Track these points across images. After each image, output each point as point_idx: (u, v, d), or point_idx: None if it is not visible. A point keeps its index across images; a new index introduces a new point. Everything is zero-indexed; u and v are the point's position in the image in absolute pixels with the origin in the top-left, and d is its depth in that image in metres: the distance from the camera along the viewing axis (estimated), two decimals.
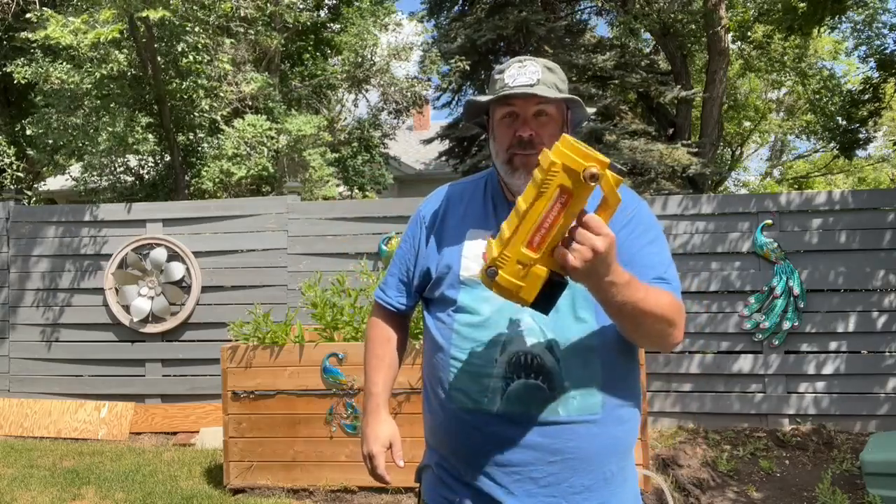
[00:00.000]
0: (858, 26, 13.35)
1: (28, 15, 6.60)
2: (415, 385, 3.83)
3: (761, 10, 12.10)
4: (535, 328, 1.39)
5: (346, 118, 11.54)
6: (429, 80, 11.54)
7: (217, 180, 7.22)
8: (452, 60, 11.24)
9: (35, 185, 10.06)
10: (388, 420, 1.66)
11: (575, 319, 1.41)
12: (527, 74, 1.46)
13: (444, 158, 13.24)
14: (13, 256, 6.09)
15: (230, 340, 4.39)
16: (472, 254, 1.48)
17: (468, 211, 1.57)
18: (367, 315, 4.18)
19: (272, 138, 7.52)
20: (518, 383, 1.38)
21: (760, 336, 5.07)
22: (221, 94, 7.76)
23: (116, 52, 6.76)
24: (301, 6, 9.18)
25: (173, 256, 5.82)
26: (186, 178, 7.98)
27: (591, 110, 1.57)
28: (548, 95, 1.44)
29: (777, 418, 5.04)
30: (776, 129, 20.37)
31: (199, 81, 7.35)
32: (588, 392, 1.39)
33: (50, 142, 7.32)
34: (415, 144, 14.96)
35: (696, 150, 11.10)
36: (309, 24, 10.09)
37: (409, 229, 1.69)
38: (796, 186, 20.32)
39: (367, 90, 11.25)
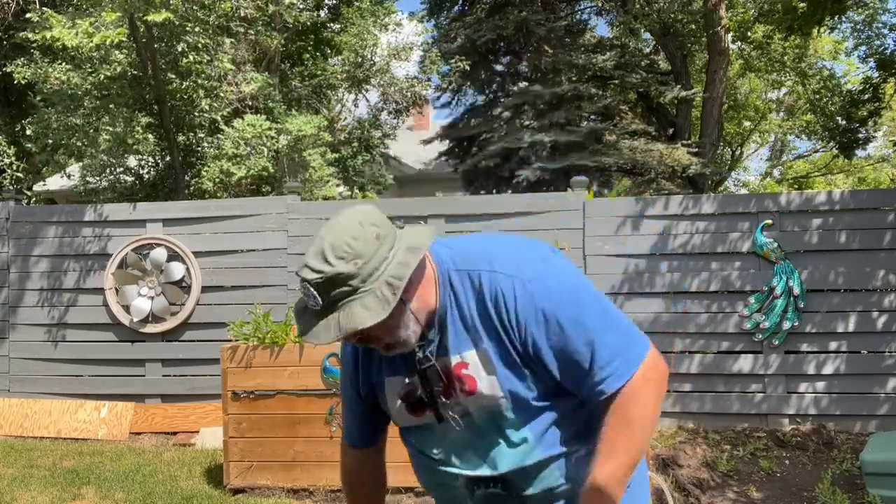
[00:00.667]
0: (858, 26, 13.36)
1: (28, 15, 6.60)
2: None
3: (761, 11, 12.11)
4: (478, 463, 1.39)
5: (346, 118, 11.54)
6: (429, 80, 11.54)
7: (217, 180, 7.22)
8: (452, 60, 11.24)
9: (34, 185, 10.07)
10: None
11: (512, 446, 1.37)
12: (311, 299, 1.26)
13: (444, 158, 13.25)
14: (13, 256, 6.08)
15: (230, 340, 4.39)
16: (395, 406, 1.44)
17: (380, 357, 1.45)
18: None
19: (272, 138, 7.52)
20: (480, 492, 1.42)
21: (760, 336, 5.07)
22: (221, 94, 7.75)
23: (117, 52, 6.76)
24: (301, 6, 9.18)
25: (173, 256, 5.82)
26: (186, 178, 7.97)
27: (410, 263, 1.25)
28: (318, 342, 1.27)
29: (777, 418, 5.04)
30: (776, 129, 20.37)
31: (199, 81, 7.34)
32: (550, 481, 1.39)
33: (50, 141, 7.32)
34: (415, 144, 14.96)
35: (696, 150, 11.10)
36: (309, 24, 10.09)
37: (342, 371, 1.59)
38: (796, 186, 20.32)
39: (367, 90, 11.24)
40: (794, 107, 18.77)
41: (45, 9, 6.56)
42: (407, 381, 1.39)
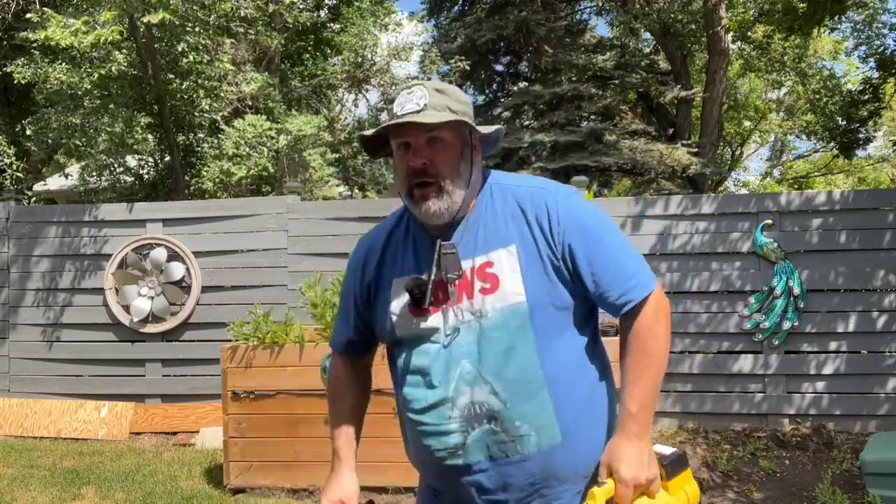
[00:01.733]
0: (858, 26, 13.37)
1: (28, 15, 6.61)
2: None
3: (761, 11, 12.11)
4: (476, 375, 1.39)
5: (346, 118, 11.54)
6: (429, 80, 11.53)
7: (217, 180, 7.22)
8: (452, 60, 11.25)
9: (34, 185, 10.06)
10: (345, 476, 1.58)
11: (512, 359, 1.39)
12: (414, 100, 1.39)
13: None
14: (13, 256, 6.08)
15: (230, 340, 4.39)
16: (399, 309, 1.47)
17: (390, 259, 1.53)
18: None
19: (272, 138, 7.52)
20: (475, 433, 1.39)
21: (760, 336, 5.07)
22: (221, 94, 7.76)
23: (116, 52, 6.76)
24: (301, 6, 9.18)
25: (173, 256, 5.82)
26: (186, 178, 7.98)
27: (491, 128, 1.48)
28: (428, 121, 1.36)
29: (777, 418, 5.04)
30: (776, 129, 20.38)
31: (199, 81, 7.35)
32: (542, 425, 1.39)
33: (50, 141, 7.32)
34: None
35: (696, 150, 11.11)
36: (309, 24, 10.09)
37: (346, 279, 1.64)
38: (796, 186, 20.32)
39: (367, 90, 11.25)
40: (794, 107, 18.76)
41: (45, 9, 6.56)
42: (417, 276, 1.44)
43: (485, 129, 1.45)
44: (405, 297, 1.44)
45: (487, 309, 1.39)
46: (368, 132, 1.44)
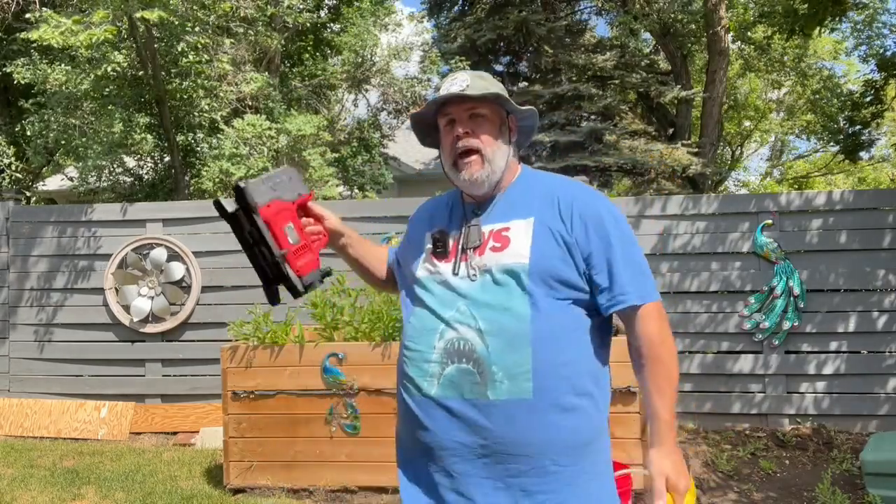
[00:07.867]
0: (858, 26, 13.36)
1: (28, 15, 6.60)
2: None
3: (762, 12, 12.11)
4: (469, 315, 1.52)
5: (346, 118, 11.54)
6: (429, 80, 11.54)
7: (217, 180, 7.22)
8: (452, 60, 11.24)
9: (34, 186, 10.06)
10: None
11: (505, 310, 1.50)
12: (457, 83, 1.59)
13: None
14: (13, 256, 6.08)
15: (230, 340, 4.38)
16: (424, 253, 1.68)
17: (432, 216, 1.75)
18: (367, 315, 4.20)
19: (272, 138, 7.52)
20: (451, 368, 1.50)
21: (760, 336, 5.07)
22: (221, 94, 7.75)
23: (115, 52, 6.75)
24: (301, 6, 9.18)
25: (173, 256, 5.81)
26: (186, 178, 7.97)
27: (525, 108, 1.68)
28: (470, 93, 1.55)
29: (777, 418, 5.04)
30: (776, 129, 20.37)
31: (199, 81, 7.34)
32: (517, 377, 1.46)
33: (50, 143, 7.31)
34: (415, 144, 14.92)
35: (696, 150, 11.10)
36: (309, 24, 10.09)
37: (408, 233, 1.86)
38: (796, 186, 20.31)
39: (366, 90, 11.24)
40: (794, 107, 18.76)
41: (45, 9, 6.55)
42: (444, 229, 1.66)
43: (523, 108, 1.65)
44: (429, 244, 1.66)
45: (492, 264, 1.54)
46: (417, 111, 1.67)
